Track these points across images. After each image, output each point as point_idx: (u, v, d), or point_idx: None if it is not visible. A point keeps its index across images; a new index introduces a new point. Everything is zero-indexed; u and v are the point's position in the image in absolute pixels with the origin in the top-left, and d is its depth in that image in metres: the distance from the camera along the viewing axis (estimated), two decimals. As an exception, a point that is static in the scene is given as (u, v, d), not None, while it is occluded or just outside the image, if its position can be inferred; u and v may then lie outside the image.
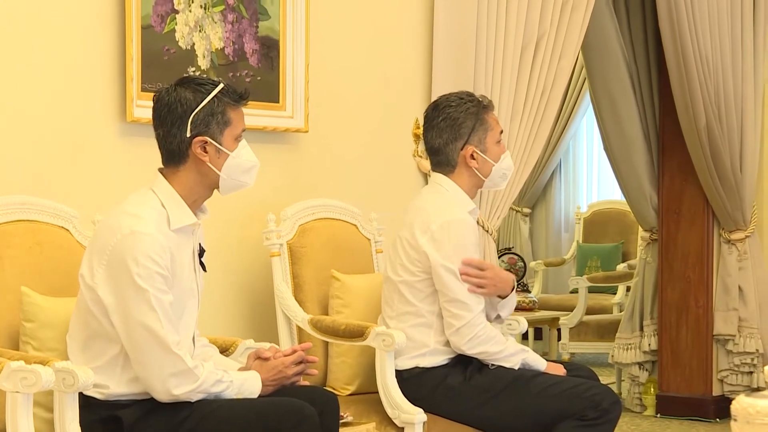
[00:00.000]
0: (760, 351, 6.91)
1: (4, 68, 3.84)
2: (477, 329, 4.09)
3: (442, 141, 4.24)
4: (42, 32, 3.92)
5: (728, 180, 6.84)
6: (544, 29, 5.52)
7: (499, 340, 4.17)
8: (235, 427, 3.29)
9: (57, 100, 3.97)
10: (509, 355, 4.18)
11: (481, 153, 4.22)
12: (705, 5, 6.52)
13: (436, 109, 4.29)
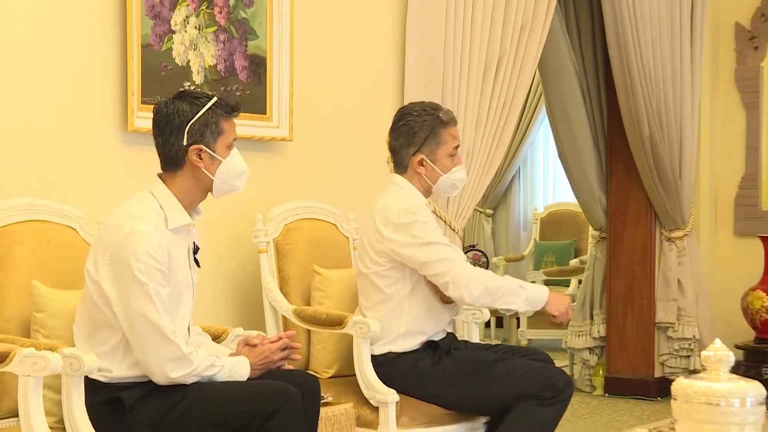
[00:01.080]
0: (696, 337, 6.94)
1: (18, 83, 3.82)
2: (467, 273, 4.05)
3: (398, 144, 4.26)
4: (53, 51, 3.90)
5: (669, 184, 6.87)
6: (504, 49, 5.52)
7: (493, 277, 4.17)
8: (225, 407, 3.30)
9: (65, 112, 3.96)
10: (512, 294, 4.13)
11: (430, 162, 4.20)
12: (648, 27, 6.54)
13: (401, 114, 4.30)
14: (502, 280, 4.15)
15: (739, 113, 7.36)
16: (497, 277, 4.18)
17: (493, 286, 4.10)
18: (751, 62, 7.30)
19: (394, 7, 5.21)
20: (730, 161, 7.38)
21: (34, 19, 3.85)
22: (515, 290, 4.13)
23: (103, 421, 3.19)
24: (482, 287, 4.07)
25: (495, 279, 4.14)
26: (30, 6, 3.84)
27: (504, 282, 4.14)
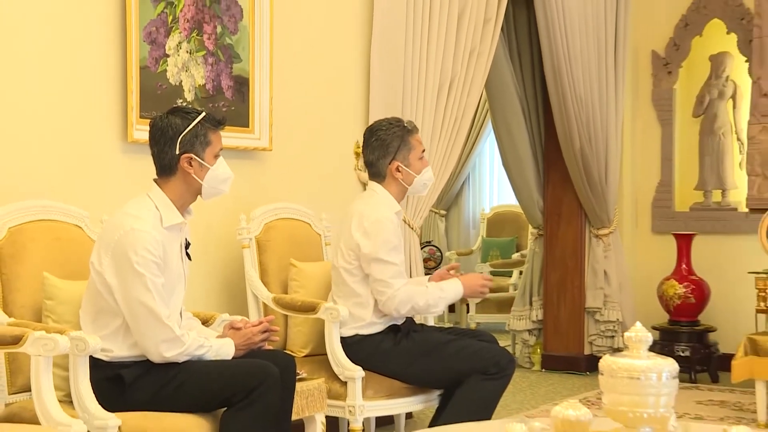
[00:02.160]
0: (620, 320, 6.98)
1: (33, 101, 3.79)
2: (397, 299, 4.11)
3: (374, 157, 4.27)
4: (63, 72, 3.88)
5: (596, 189, 6.89)
6: (456, 72, 5.53)
7: (418, 296, 4.17)
8: (213, 383, 3.30)
9: (73, 124, 3.93)
10: (434, 305, 4.22)
11: (405, 167, 4.24)
12: (578, 55, 6.56)
13: (371, 131, 4.32)
14: (425, 298, 4.18)
15: (655, 129, 7.41)
16: (423, 295, 4.18)
17: (417, 305, 4.17)
18: (665, 85, 7.36)
19: (360, 35, 5.21)
20: (648, 169, 7.43)
21: (47, 44, 3.83)
22: (436, 302, 4.22)
23: (105, 395, 3.16)
24: (408, 307, 4.15)
25: (420, 299, 4.16)
26: (43, 33, 3.81)
27: (427, 300, 4.18)
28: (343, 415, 4.08)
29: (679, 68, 7.32)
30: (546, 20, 6.37)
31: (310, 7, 4.95)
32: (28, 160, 3.78)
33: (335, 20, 5.10)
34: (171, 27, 4.22)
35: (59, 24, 3.87)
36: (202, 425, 3.28)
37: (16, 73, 3.74)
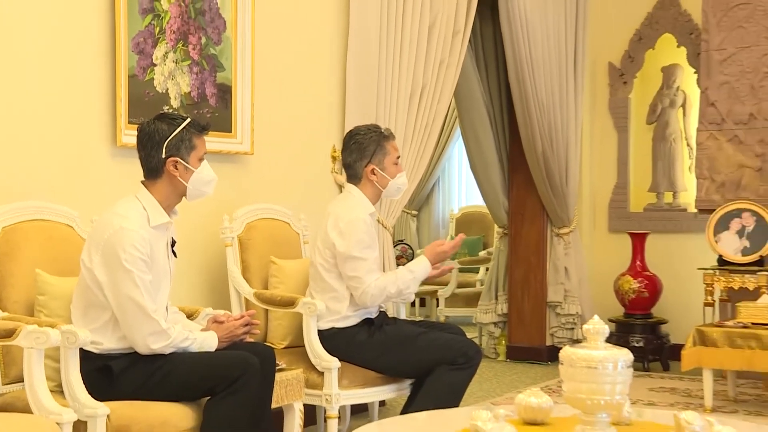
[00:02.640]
0: (579, 313, 7.01)
1: (27, 107, 3.76)
2: (369, 293, 4.12)
3: (351, 159, 4.28)
4: (56, 80, 3.85)
5: (557, 191, 6.92)
6: (426, 81, 5.53)
7: (389, 284, 4.17)
8: (197, 374, 3.30)
9: (65, 129, 3.90)
10: (406, 288, 4.23)
11: (380, 170, 4.25)
12: (541, 67, 6.58)
13: (350, 135, 4.35)
14: (396, 284, 4.18)
15: (612, 135, 7.44)
16: (394, 283, 4.18)
17: (390, 293, 4.18)
18: (621, 94, 7.40)
19: (337, 46, 5.20)
20: (605, 173, 7.46)
21: (41, 54, 3.80)
22: (408, 284, 4.23)
23: (95, 385, 3.14)
24: (383, 297, 4.18)
25: (392, 286, 4.17)
26: (38, 43, 3.79)
27: (398, 285, 4.19)
28: (320, 403, 4.07)
29: (633, 79, 7.36)
30: (510, 33, 6.38)
31: (289, 19, 4.94)
32: (23, 162, 3.75)
33: (313, 32, 5.09)
34: (158, 38, 4.20)
35: (53, 34, 3.84)
36: (187, 413, 3.28)
37: (12, 81, 3.71)
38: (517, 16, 6.33)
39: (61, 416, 2.91)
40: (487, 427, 2.49)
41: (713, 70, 6.29)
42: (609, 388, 2.54)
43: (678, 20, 7.15)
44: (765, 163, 6.13)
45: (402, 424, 2.96)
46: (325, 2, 5.15)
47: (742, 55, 6.22)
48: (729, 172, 6.24)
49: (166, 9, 4.23)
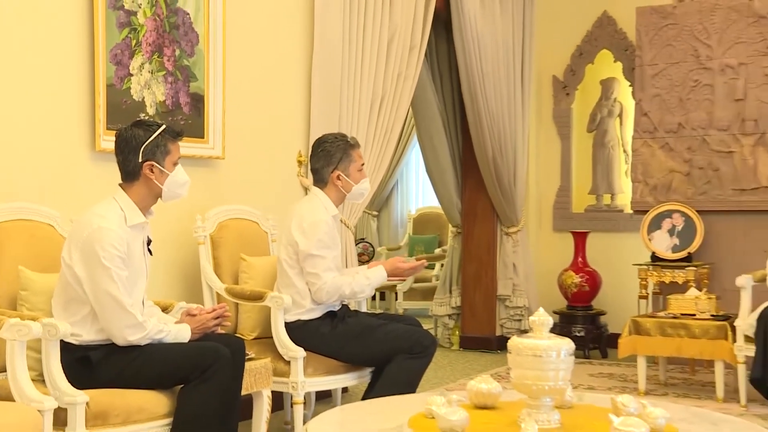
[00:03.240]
0: (526, 306, 7.05)
1: (12, 115, 3.71)
2: (325, 290, 4.11)
3: (319, 165, 4.27)
4: (38, 90, 3.81)
5: (507, 193, 6.95)
6: (385, 91, 5.54)
7: (345, 285, 4.16)
8: (171, 363, 3.27)
9: (47, 135, 3.86)
10: (360, 292, 4.24)
11: (345, 176, 4.24)
12: (491, 79, 6.62)
13: (318, 142, 4.33)
14: (351, 286, 4.17)
15: (555, 142, 7.50)
16: (348, 285, 4.16)
17: (344, 293, 4.18)
18: (564, 105, 7.45)
19: (302, 58, 5.18)
20: (550, 176, 7.52)
21: (24, 65, 3.75)
22: (362, 288, 4.23)
23: (75, 374, 3.10)
24: (336, 296, 4.17)
25: (346, 288, 4.16)
26: (21, 55, 3.74)
27: (353, 288, 4.18)
28: (287, 390, 4.06)
29: (575, 91, 7.42)
30: (463, 48, 6.40)
31: (258, 33, 4.91)
32: (6, 165, 3.70)
33: (281, 45, 5.07)
34: (134, 50, 4.16)
35: (36, 46, 3.80)
36: (161, 400, 3.25)
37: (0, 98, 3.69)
38: (469, 33, 6.36)
39: (43, 404, 2.88)
40: (441, 411, 2.50)
41: (646, 83, 6.36)
42: (553, 375, 2.56)
43: (614, 38, 7.22)
44: (692, 168, 6.20)
45: (363, 409, 2.96)
46: (292, 17, 5.13)
47: (672, 70, 6.29)
48: (661, 176, 6.30)
49: (142, 23, 4.19)
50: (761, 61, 6.01)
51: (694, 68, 6.20)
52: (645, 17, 6.37)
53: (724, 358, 5.15)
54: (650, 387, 5.50)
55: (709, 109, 6.16)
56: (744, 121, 6.04)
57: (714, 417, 2.78)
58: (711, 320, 5.24)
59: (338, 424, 2.61)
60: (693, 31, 6.21)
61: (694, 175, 6.20)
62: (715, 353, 5.18)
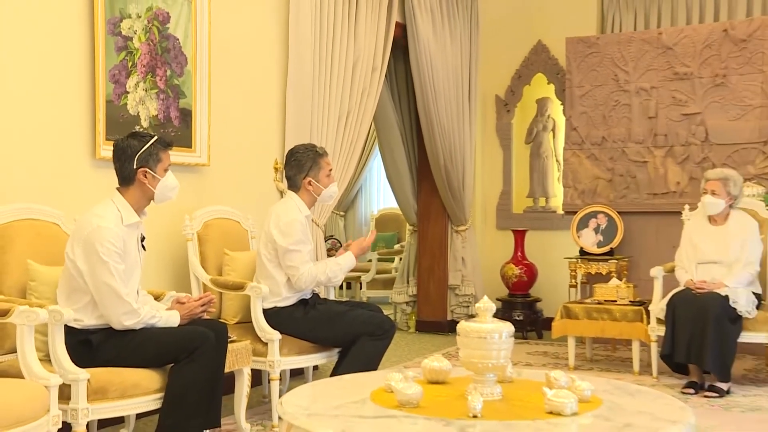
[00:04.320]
0: (473, 294, 7.08)
1: (23, 127, 3.68)
2: (303, 279, 4.12)
3: (292, 173, 4.26)
4: (45, 104, 3.77)
5: (456, 196, 6.98)
6: (351, 107, 5.54)
7: (320, 273, 4.16)
8: (162, 345, 3.26)
9: (53, 144, 3.82)
10: (334, 276, 4.23)
11: (315, 182, 4.23)
12: (442, 97, 6.64)
13: (291, 153, 4.32)
14: (325, 272, 4.18)
15: (498, 152, 7.54)
16: (323, 271, 4.17)
17: (320, 279, 4.18)
18: (505, 120, 7.50)
19: (278, 78, 5.16)
20: (493, 182, 7.56)
21: (34, 84, 3.72)
22: (335, 273, 4.23)
23: (77, 355, 3.08)
24: (314, 282, 4.17)
25: (321, 274, 4.17)
26: (31, 75, 3.70)
27: (327, 273, 4.19)
28: (264, 368, 4.05)
29: (514, 108, 7.47)
30: (418, 70, 6.42)
31: (239, 56, 4.89)
32: (17, 171, 3.66)
33: (259, 66, 5.05)
34: (131, 70, 4.12)
35: (45, 69, 3.77)
36: (154, 377, 3.24)
37: (9, 105, 3.63)
38: (424, 58, 6.38)
39: (49, 381, 2.86)
40: (399, 386, 2.50)
41: (575, 102, 6.42)
42: (495, 354, 2.57)
43: (548, 63, 7.29)
44: (614, 176, 6.28)
45: (331, 384, 2.96)
46: (269, 43, 5.11)
47: (596, 91, 6.36)
48: (587, 182, 6.37)
49: (138, 47, 4.15)
50: (669, 85, 6.10)
51: (615, 90, 6.28)
52: (573, 46, 6.44)
53: (640, 338, 5.22)
54: (578, 363, 5.55)
55: (627, 125, 6.24)
56: (656, 136, 6.14)
57: (631, 388, 2.81)
58: (629, 306, 5.30)
59: (309, 398, 2.61)
60: (613, 58, 6.29)
61: (616, 182, 6.27)
62: (632, 334, 5.24)
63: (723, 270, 4.92)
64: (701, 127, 5.99)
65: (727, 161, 5.88)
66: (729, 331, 4.70)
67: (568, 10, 7.15)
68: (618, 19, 7.11)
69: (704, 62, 5.98)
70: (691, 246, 5.08)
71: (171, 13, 4.35)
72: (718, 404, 4.50)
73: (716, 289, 4.78)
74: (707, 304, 4.68)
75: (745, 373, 5.30)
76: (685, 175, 6.03)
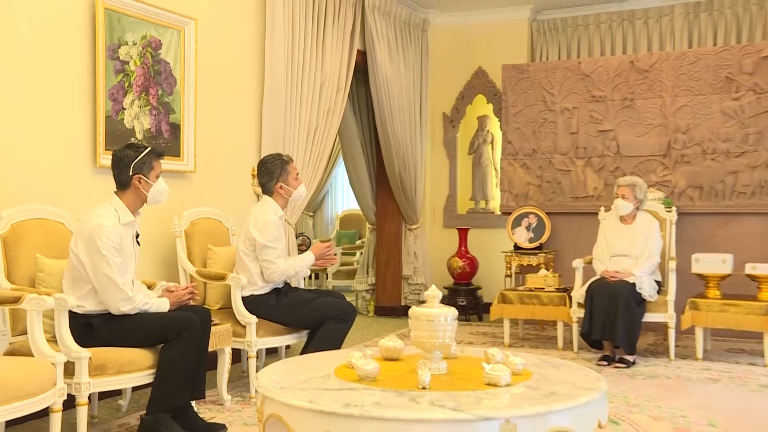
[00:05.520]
0: (423, 283, 7.10)
1: (33, 139, 3.63)
2: (277, 272, 4.09)
3: (264, 180, 4.24)
4: (52, 118, 3.73)
5: (409, 199, 7.01)
6: (318, 123, 5.54)
7: (290, 268, 4.14)
8: (154, 328, 3.25)
9: (60, 154, 3.78)
10: (300, 270, 4.20)
11: (285, 185, 4.22)
12: (397, 115, 6.67)
13: (261, 163, 4.29)
14: (294, 267, 4.14)
15: (445, 162, 7.56)
16: (292, 266, 4.13)
17: (289, 273, 4.16)
18: (451, 134, 7.53)
19: (256, 97, 5.15)
20: (441, 187, 7.59)
21: (43, 103, 3.68)
22: (301, 268, 4.20)
23: (80, 336, 3.07)
24: (284, 276, 4.14)
25: (291, 269, 4.14)
26: (41, 96, 3.66)
27: (295, 268, 4.16)
28: (243, 347, 4.04)
29: (459, 124, 7.50)
30: (377, 91, 6.44)
31: (221, 78, 4.87)
32: (28, 177, 3.62)
33: (239, 88, 5.04)
34: (127, 90, 4.09)
35: (53, 89, 3.74)
36: (147, 356, 3.23)
37: (21, 121, 3.60)
38: (381, 81, 6.40)
39: (55, 358, 2.86)
40: (359, 363, 2.48)
41: (510, 119, 6.49)
42: (442, 334, 2.55)
43: (487, 86, 7.35)
44: (543, 182, 6.35)
45: (301, 361, 2.95)
46: (248, 67, 5.10)
47: (527, 110, 6.44)
48: (520, 187, 6.44)
49: (133, 70, 4.13)
50: (587, 106, 6.21)
51: (543, 110, 6.36)
52: (508, 72, 6.51)
53: (563, 319, 5.31)
54: (512, 341, 5.60)
55: (553, 139, 6.33)
56: (577, 149, 6.24)
57: (555, 362, 2.82)
58: (555, 292, 5.38)
59: (282, 373, 2.60)
60: (541, 83, 6.37)
61: (544, 187, 6.35)
62: (557, 316, 5.32)
63: (631, 261, 5.03)
64: (614, 141, 6.11)
65: (634, 170, 6.00)
66: (635, 312, 4.81)
67: (503, 41, 7.23)
68: (545, 50, 7.23)
69: (615, 88, 6.11)
70: (605, 241, 5.18)
71: (162, 41, 4.32)
72: (625, 373, 4.61)
73: (625, 278, 4.89)
74: (618, 290, 4.78)
75: (647, 347, 5.43)
76: (601, 182, 6.14)
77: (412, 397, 2.22)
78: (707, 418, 3.61)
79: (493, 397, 2.25)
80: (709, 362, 4.92)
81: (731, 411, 3.74)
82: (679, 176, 5.88)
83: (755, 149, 5.67)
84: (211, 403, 3.83)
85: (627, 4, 6.91)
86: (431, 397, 2.21)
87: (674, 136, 5.91)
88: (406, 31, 6.89)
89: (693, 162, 5.86)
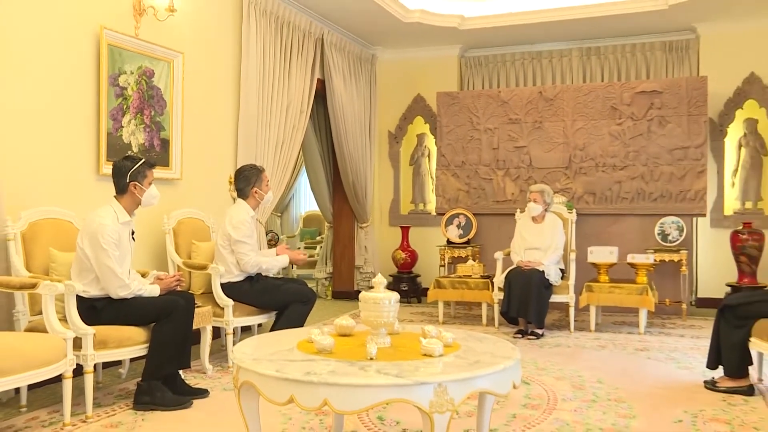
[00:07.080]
0: (372, 271, 7.09)
1: (44, 151, 3.61)
2: (250, 263, 4.06)
3: (241, 186, 4.22)
4: (62, 135, 3.72)
5: (360, 202, 7.03)
6: (285, 137, 5.54)
7: (263, 262, 4.10)
8: (147, 308, 3.26)
9: (69, 164, 3.77)
10: (272, 268, 4.15)
11: (259, 190, 4.21)
12: (350, 131, 6.68)
13: (239, 171, 4.27)
14: (268, 263, 4.08)
15: (390, 171, 7.57)
16: (265, 262, 4.09)
17: (261, 267, 4.11)
18: (395, 149, 7.54)
19: (232, 117, 5.14)
20: (387, 192, 7.59)
21: (53, 122, 3.66)
22: (273, 266, 4.16)
23: (86, 317, 3.09)
24: (257, 268, 4.09)
25: (264, 263, 4.08)
26: (51, 116, 3.64)
27: (268, 264, 4.10)
28: (222, 325, 4.05)
29: (402, 140, 7.52)
30: (333, 113, 6.45)
31: (204, 101, 4.87)
32: (42, 184, 3.61)
33: (218, 109, 5.04)
34: (125, 111, 4.09)
35: (62, 110, 3.72)
36: (141, 333, 3.25)
37: (36, 138, 3.59)
38: (337, 104, 6.43)
39: (66, 335, 2.89)
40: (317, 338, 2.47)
41: (443, 137, 6.57)
42: (386, 314, 2.54)
43: (425, 109, 7.42)
44: (470, 188, 6.43)
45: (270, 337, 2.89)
46: (226, 92, 5.09)
47: (457, 129, 6.52)
48: (452, 192, 6.52)
49: (131, 94, 4.13)
50: (506, 127, 6.33)
51: (470, 129, 6.45)
52: (442, 98, 6.57)
53: (487, 301, 5.39)
54: (445, 319, 5.66)
55: (478, 154, 6.42)
56: (498, 161, 6.34)
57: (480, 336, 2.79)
58: (480, 279, 5.46)
59: (254, 347, 2.57)
60: (469, 107, 6.46)
61: (471, 193, 6.43)
62: (482, 298, 5.40)
63: (541, 253, 5.20)
64: (527, 155, 6.27)
65: (543, 179, 6.16)
66: (544, 294, 4.98)
67: (438, 73, 7.35)
68: (472, 81, 7.38)
69: (528, 113, 6.28)
70: (520, 237, 5.34)
71: (155, 71, 4.34)
72: (535, 344, 4.76)
73: (536, 266, 5.05)
74: (531, 276, 4.94)
75: (553, 322, 5.60)
76: (517, 189, 6.27)
77: (361, 366, 2.22)
78: (597, 376, 3.80)
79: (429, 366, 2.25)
80: (600, 333, 5.14)
81: (614, 370, 3.95)
82: (578, 184, 6.08)
83: (633, 164, 5.95)
84: (195, 372, 3.86)
85: (537, 47, 7.16)
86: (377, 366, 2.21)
87: (574, 152, 6.12)
88: (358, 64, 6.96)
89: (588, 173, 6.08)
